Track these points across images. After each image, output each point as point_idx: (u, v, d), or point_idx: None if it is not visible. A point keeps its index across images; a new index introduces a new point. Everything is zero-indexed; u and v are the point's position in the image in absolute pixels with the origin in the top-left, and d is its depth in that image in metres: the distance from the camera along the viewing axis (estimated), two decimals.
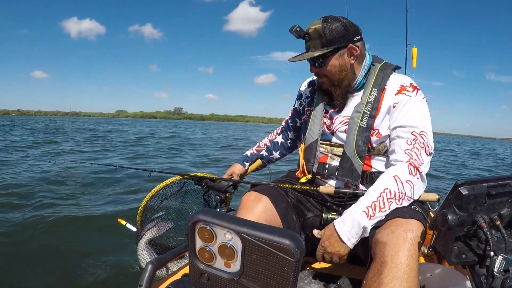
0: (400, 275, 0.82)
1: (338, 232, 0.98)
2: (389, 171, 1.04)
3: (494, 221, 0.77)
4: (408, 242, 0.87)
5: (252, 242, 0.48)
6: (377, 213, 0.97)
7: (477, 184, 0.75)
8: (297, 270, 0.47)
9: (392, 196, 0.98)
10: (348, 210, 1.01)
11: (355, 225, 0.97)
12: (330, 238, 1.00)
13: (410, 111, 1.08)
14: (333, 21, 1.11)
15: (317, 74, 1.20)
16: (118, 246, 2.55)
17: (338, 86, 1.16)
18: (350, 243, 0.98)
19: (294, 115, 1.47)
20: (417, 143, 1.04)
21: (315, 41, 1.12)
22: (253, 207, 1.11)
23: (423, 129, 1.07)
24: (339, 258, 1.01)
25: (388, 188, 0.99)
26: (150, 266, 0.92)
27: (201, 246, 0.53)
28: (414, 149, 1.03)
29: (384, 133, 1.12)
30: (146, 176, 1.86)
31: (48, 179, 4.87)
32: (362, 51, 1.17)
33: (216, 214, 0.51)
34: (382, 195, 0.98)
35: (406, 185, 0.99)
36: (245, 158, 1.57)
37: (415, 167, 1.01)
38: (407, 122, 1.07)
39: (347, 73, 1.15)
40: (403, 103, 1.10)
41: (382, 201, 0.97)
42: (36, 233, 2.77)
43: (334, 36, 1.10)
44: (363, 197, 1.02)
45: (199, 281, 0.56)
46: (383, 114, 1.13)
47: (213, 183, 1.60)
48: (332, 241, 0.99)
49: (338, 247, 0.99)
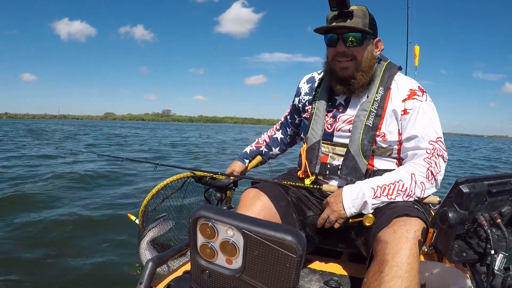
0: (401, 274, 0.82)
1: (343, 197, 1.03)
2: (408, 167, 1.06)
3: (494, 219, 0.77)
4: (410, 241, 0.87)
5: (254, 239, 0.48)
6: (383, 196, 1.00)
7: (477, 182, 0.75)
8: (299, 267, 0.47)
9: (403, 190, 1.01)
10: (359, 181, 1.06)
11: (360, 196, 1.01)
12: (336, 198, 1.05)
13: (424, 118, 1.10)
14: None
15: (344, 54, 1.10)
16: (120, 243, 2.56)
17: (365, 73, 1.12)
18: (349, 211, 1.02)
19: (293, 112, 1.46)
20: (436, 152, 1.06)
21: (357, 18, 1.07)
22: (252, 204, 1.10)
23: (438, 135, 1.10)
24: (336, 219, 1.04)
25: (402, 181, 1.02)
26: (151, 264, 0.92)
27: (202, 242, 0.53)
28: (433, 158, 1.06)
29: (390, 138, 1.12)
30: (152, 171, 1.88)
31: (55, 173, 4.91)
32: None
33: (218, 210, 0.51)
34: (396, 184, 1.01)
35: (419, 185, 1.02)
36: (245, 155, 1.57)
37: (433, 174, 1.04)
38: (424, 132, 1.08)
39: (374, 62, 1.15)
40: (417, 109, 1.10)
41: (392, 189, 1.01)
42: (37, 228, 2.77)
43: (372, 23, 1.11)
44: (377, 176, 1.06)
45: (200, 277, 0.56)
46: (389, 116, 1.12)
47: (214, 181, 1.60)
48: (337, 201, 1.04)
49: (339, 209, 1.03)
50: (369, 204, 1.00)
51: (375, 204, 1.01)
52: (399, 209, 0.96)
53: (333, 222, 1.05)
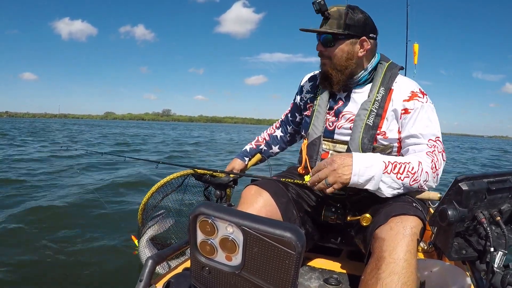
0: (398, 270, 0.82)
1: (354, 162, 0.96)
2: (415, 155, 1.06)
3: (494, 216, 0.78)
4: (407, 238, 0.87)
5: (254, 235, 0.48)
6: (393, 173, 0.98)
7: (477, 180, 0.75)
8: (298, 264, 0.47)
9: (412, 172, 1.00)
10: (373, 153, 1.05)
11: (371, 165, 0.96)
12: (344, 160, 0.97)
13: (424, 119, 1.11)
14: (357, 10, 1.13)
15: (321, 53, 1.18)
16: (120, 240, 2.56)
17: (340, 72, 1.16)
18: (355, 179, 0.95)
19: (294, 109, 1.46)
20: (437, 149, 1.07)
21: (333, 20, 1.12)
22: (254, 201, 1.10)
23: (439, 134, 1.11)
24: (334, 182, 0.96)
25: (412, 164, 1.01)
26: (151, 261, 0.93)
27: (202, 239, 0.53)
28: (435, 153, 1.06)
29: (391, 135, 1.13)
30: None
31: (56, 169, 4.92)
32: (373, 49, 1.18)
33: (218, 207, 0.51)
34: (406, 165, 1.00)
35: (424, 174, 1.01)
36: (245, 153, 1.57)
37: (436, 168, 1.04)
38: (424, 131, 1.09)
39: (352, 62, 1.15)
40: (418, 110, 1.11)
41: (403, 169, 0.99)
42: (36, 227, 2.77)
43: (353, 23, 1.11)
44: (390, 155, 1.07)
45: (200, 274, 0.57)
46: (390, 116, 1.13)
47: (214, 178, 1.60)
48: (345, 163, 0.96)
49: (344, 172, 0.96)
50: (376, 179, 0.96)
51: (383, 181, 0.97)
52: (396, 208, 0.96)
53: (328, 185, 0.96)
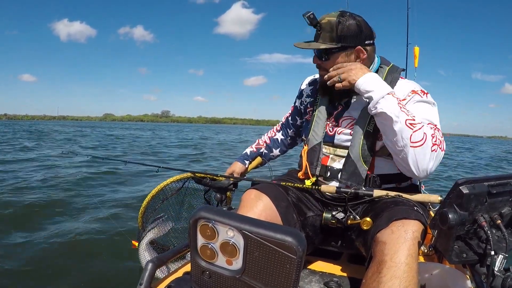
0: (399, 274, 0.82)
1: (369, 73, 1.07)
2: None
3: (494, 220, 0.77)
4: (408, 241, 0.87)
5: (254, 240, 0.48)
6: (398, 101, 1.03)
7: (478, 183, 0.75)
8: (299, 268, 0.47)
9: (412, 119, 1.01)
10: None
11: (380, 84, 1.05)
12: (363, 68, 1.09)
13: (424, 107, 1.09)
14: (349, 18, 1.10)
15: (318, 66, 1.18)
16: (120, 244, 2.55)
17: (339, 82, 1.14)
18: (360, 82, 1.06)
19: (294, 113, 1.46)
20: (437, 133, 1.04)
21: (325, 33, 1.10)
22: (254, 205, 1.10)
23: (439, 126, 1.07)
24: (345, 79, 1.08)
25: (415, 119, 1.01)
26: (151, 265, 0.92)
27: (202, 243, 0.53)
28: (436, 132, 1.03)
29: None
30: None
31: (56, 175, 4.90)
32: (371, 56, 1.16)
33: (219, 211, 0.51)
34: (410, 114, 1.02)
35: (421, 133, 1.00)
36: (245, 156, 1.57)
37: (435, 141, 1.01)
38: (424, 116, 1.07)
39: None
40: (418, 98, 1.10)
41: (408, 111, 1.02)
42: (36, 230, 2.77)
43: (346, 34, 1.09)
44: None
45: (200, 278, 0.56)
46: None
47: (214, 182, 1.60)
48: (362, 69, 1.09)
49: (356, 74, 1.07)
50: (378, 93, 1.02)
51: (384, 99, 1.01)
52: (398, 212, 0.96)
53: (339, 80, 1.09)
